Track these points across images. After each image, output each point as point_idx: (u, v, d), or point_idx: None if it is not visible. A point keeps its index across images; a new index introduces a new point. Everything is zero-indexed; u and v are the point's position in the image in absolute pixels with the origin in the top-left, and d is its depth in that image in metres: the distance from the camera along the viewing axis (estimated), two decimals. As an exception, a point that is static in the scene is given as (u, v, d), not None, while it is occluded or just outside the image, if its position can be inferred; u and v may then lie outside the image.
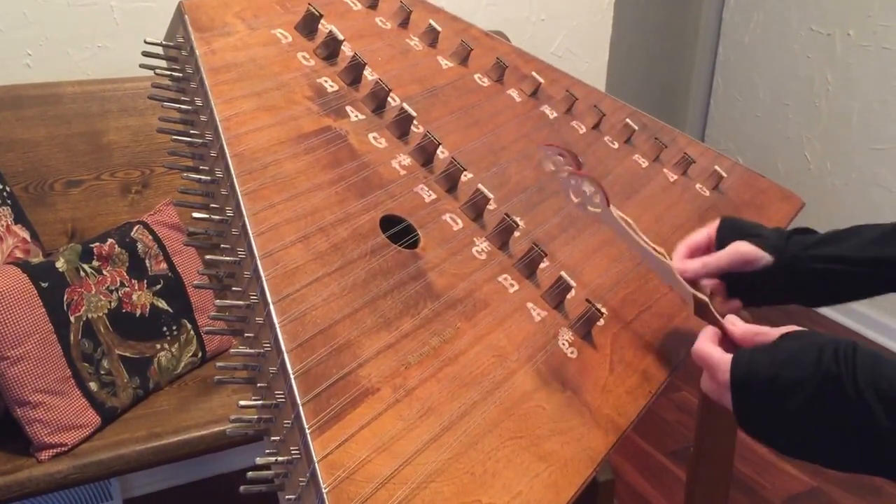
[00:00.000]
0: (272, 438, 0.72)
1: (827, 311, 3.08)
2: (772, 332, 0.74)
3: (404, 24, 1.22)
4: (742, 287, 0.92)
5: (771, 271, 0.89)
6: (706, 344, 0.77)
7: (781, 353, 0.70)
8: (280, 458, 0.68)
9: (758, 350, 0.73)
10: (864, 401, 0.63)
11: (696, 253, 0.94)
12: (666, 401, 2.57)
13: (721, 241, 0.93)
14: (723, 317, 0.82)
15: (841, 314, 3.04)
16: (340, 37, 1.06)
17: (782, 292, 0.91)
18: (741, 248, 0.90)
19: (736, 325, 0.79)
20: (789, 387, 0.67)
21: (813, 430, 0.67)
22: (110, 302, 1.49)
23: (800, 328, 0.73)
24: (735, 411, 0.73)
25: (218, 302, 0.77)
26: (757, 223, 0.95)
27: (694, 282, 0.91)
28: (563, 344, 0.89)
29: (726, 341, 0.79)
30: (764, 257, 0.89)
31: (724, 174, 1.32)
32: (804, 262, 0.88)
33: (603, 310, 0.92)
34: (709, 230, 0.95)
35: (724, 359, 0.74)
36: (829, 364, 0.66)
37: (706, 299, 0.84)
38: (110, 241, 1.54)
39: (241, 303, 0.78)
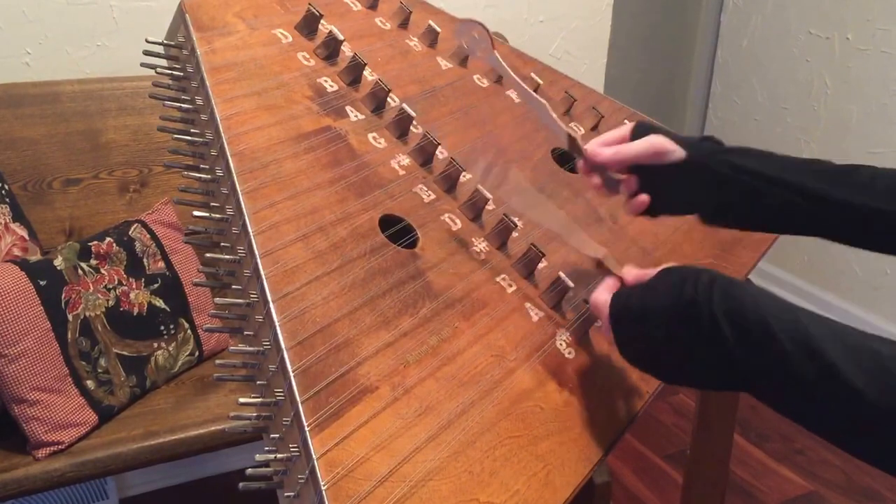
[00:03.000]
0: (271, 436, 0.72)
1: (820, 313, 3.08)
2: (654, 271, 0.78)
3: (404, 24, 1.23)
4: (650, 183, 0.91)
5: (681, 169, 0.88)
6: (600, 292, 0.82)
7: (651, 286, 0.76)
8: (279, 456, 0.68)
9: (634, 287, 0.79)
10: (716, 322, 0.67)
11: (608, 146, 0.93)
12: (663, 404, 2.57)
13: (634, 138, 0.92)
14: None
15: (836, 316, 3.04)
16: (340, 37, 1.06)
17: (691, 197, 0.89)
18: (654, 140, 0.89)
19: (630, 272, 0.84)
20: (654, 313, 0.73)
21: (679, 356, 0.72)
22: (108, 300, 1.49)
23: (676, 264, 0.77)
24: (615, 342, 0.78)
25: (218, 300, 0.77)
26: (671, 130, 0.94)
27: (605, 173, 0.93)
28: (561, 344, 0.89)
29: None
30: (676, 150, 0.88)
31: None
32: (715, 165, 0.86)
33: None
34: (623, 129, 0.94)
35: (606, 300, 0.80)
36: (690, 292, 0.70)
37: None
38: (108, 239, 1.54)
39: (241, 301, 0.78)
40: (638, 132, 0.92)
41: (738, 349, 0.66)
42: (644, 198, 0.92)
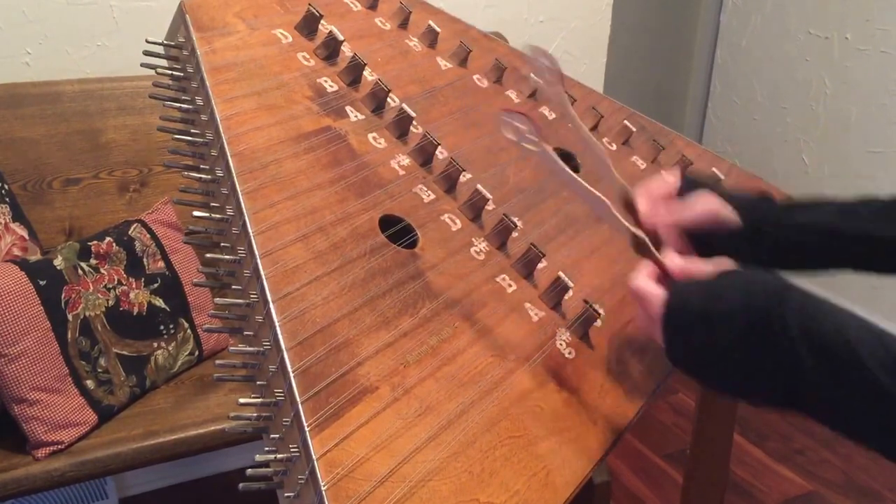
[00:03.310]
0: (271, 436, 0.73)
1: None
2: (707, 267, 0.74)
3: (404, 24, 1.23)
4: (705, 244, 0.89)
5: (739, 234, 0.87)
6: (643, 278, 0.77)
7: (714, 287, 0.71)
8: (279, 456, 0.68)
9: (692, 283, 0.73)
10: (790, 338, 0.63)
11: (657, 201, 0.90)
12: (663, 403, 2.57)
13: (684, 192, 0.90)
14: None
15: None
16: (340, 37, 1.07)
17: (745, 255, 0.86)
18: (711, 206, 0.87)
19: (674, 260, 0.78)
20: (719, 320, 0.68)
21: (740, 368, 0.67)
22: (108, 300, 1.49)
23: (735, 266, 0.74)
24: (665, 344, 0.73)
25: (218, 300, 0.77)
26: (716, 178, 0.92)
27: (650, 233, 0.89)
28: (561, 344, 0.90)
29: (665, 279, 0.78)
30: (733, 218, 0.87)
31: (721, 176, 1.32)
32: (774, 228, 0.86)
33: (600, 310, 0.92)
34: (671, 182, 0.92)
35: (658, 292, 0.74)
36: (760, 300, 0.66)
37: (644, 236, 0.81)
38: (108, 239, 1.54)
39: (241, 301, 0.78)
40: (688, 186, 0.90)
41: (815, 372, 0.62)
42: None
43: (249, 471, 0.69)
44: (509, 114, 0.86)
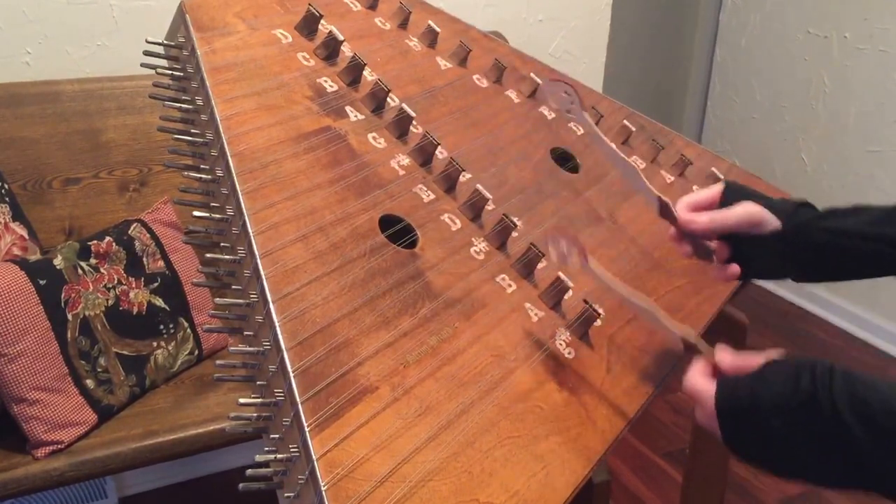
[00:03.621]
0: (271, 436, 0.73)
1: (819, 311, 3.09)
2: (757, 359, 0.75)
3: (404, 24, 1.23)
4: (743, 252, 0.91)
5: (777, 238, 0.88)
6: (694, 377, 0.78)
7: (762, 378, 0.71)
8: (279, 456, 0.69)
9: (741, 377, 0.74)
10: (840, 418, 0.64)
11: (698, 210, 0.91)
12: (662, 402, 2.57)
13: (725, 202, 0.91)
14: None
15: (835, 315, 3.05)
16: (340, 37, 1.07)
17: (784, 262, 0.89)
18: (751, 209, 0.88)
19: (725, 355, 0.79)
20: (769, 409, 0.69)
21: (797, 451, 0.68)
22: (107, 300, 1.49)
23: (783, 355, 0.74)
24: (723, 437, 0.74)
25: (218, 300, 0.77)
26: (758, 191, 0.94)
27: (696, 240, 0.91)
28: (561, 344, 0.90)
29: (719, 374, 0.79)
30: (772, 221, 0.88)
31: (721, 176, 1.32)
32: (812, 233, 0.87)
33: (600, 310, 0.93)
34: (712, 190, 0.92)
35: (710, 388, 0.75)
36: (807, 385, 0.67)
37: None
38: (108, 238, 1.54)
39: (240, 301, 0.78)
40: (729, 194, 0.91)
41: (868, 446, 0.63)
42: (736, 268, 0.91)
43: (249, 471, 0.69)
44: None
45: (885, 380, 0.66)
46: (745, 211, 0.88)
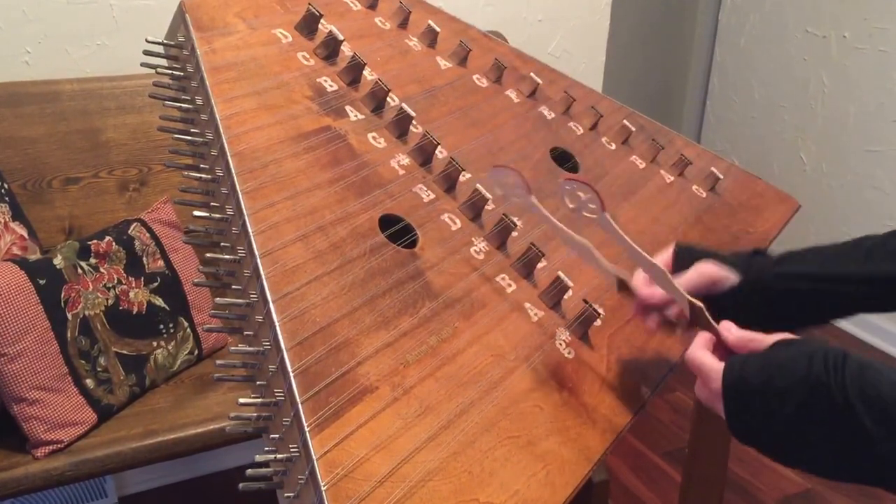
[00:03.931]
0: (271, 436, 0.73)
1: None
2: (766, 339, 0.74)
3: (403, 24, 1.23)
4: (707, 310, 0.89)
5: (738, 293, 0.88)
6: (699, 350, 0.77)
7: (772, 360, 0.70)
8: (279, 456, 0.69)
9: (750, 357, 0.73)
10: (851, 407, 0.63)
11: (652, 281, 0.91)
12: (661, 402, 2.57)
13: (678, 267, 0.91)
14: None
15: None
16: (340, 37, 1.07)
17: (748, 314, 0.86)
18: (705, 269, 0.88)
19: (731, 331, 0.78)
20: (779, 393, 0.67)
21: (803, 437, 0.67)
22: (107, 299, 1.49)
23: (792, 336, 0.73)
24: (726, 418, 0.73)
25: (218, 300, 0.78)
26: (710, 248, 0.94)
27: (660, 311, 0.90)
28: (561, 344, 0.90)
29: (721, 348, 0.78)
30: (729, 278, 0.88)
31: (720, 176, 1.32)
32: (769, 282, 0.87)
33: (600, 310, 0.93)
34: (663, 257, 0.93)
35: (716, 366, 0.73)
36: (819, 371, 0.66)
37: (701, 305, 0.82)
38: (108, 238, 1.54)
39: (240, 301, 0.78)
40: (680, 258, 0.91)
41: (878, 437, 0.62)
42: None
43: (249, 471, 0.69)
44: (571, 182, 0.87)
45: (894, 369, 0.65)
46: (699, 273, 0.88)
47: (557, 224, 0.90)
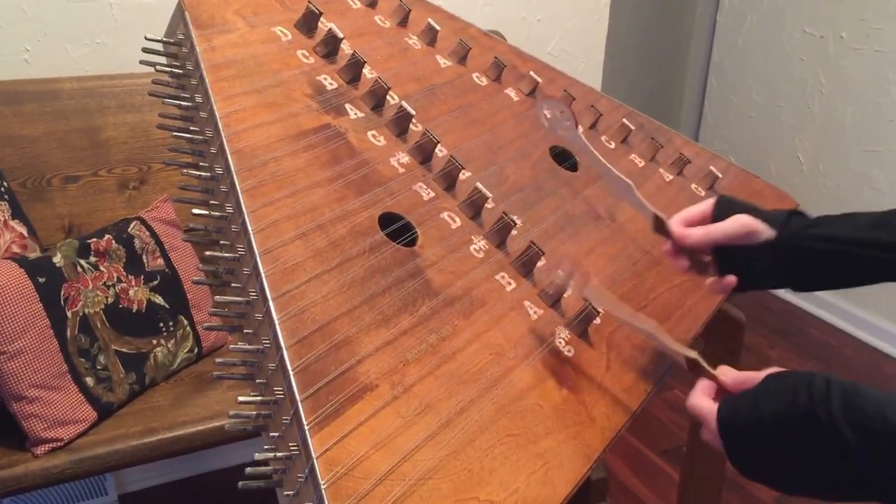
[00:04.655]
0: (271, 434, 0.73)
1: (816, 310, 3.09)
2: (758, 377, 0.76)
3: (403, 22, 1.23)
4: (738, 264, 0.91)
5: (771, 247, 0.89)
6: (698, 397, 0.79)
7: (761, 394, 0.72)
8: (278, 454, 0.69)
9: (741, 395, 0.75)
10: (838, 430, 0.64)
11: (692, 224, 0.93)
12: (659, 400, 2.58)
13: (718, 216, 0.92)
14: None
15: (832, 314, 3.05)
16: (340, 35, 1.07)
17: (779, 271, 0.90)
18: (744, 220, 0.89)
19: (727, 374, 0.80)
20: (769, 426, 0.70)
21: (799, 465, 0.69)
22: (107, 297, 1.49)
23: (782, 369, 0.75)
24: (728, 456, 0.75)
25: (217, 298, 0.78)
26: (750, 203, 0.94)
27: (692, 254, 0.92)
28: (560, 342, 0.90)
29: (722, 392, 0.80)
30: (765, 231, 0.89)
31: (719, 175, 1.32)
32: (804, 240, 0.87)
33: (599, 308, 0.93)
34: (704, 205, 0.94)
35: (712, 408, 0.76)
36: (804, 400, 0.67)
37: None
38: (107, 236, 1.54)
39: (240, 299, 0.78)
40: (721, 209, 0.92)
41: (865, 456, 0.63)
42: (732, 279, 0.92)
43: (249, 469, 0.69)
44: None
45: (881, 388, 0.66)
46: (739, 223, 0.89)
47: (600, 159, 0.90)
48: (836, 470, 0.66)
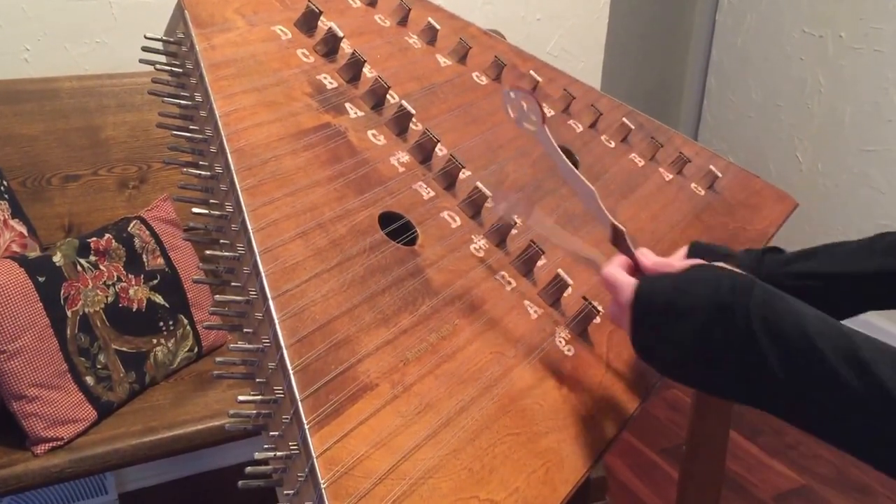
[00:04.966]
0: (271, 433, 0.73)
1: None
2: (681, 265, 0.76)
3: (403, 21, 1.23)
4: None
5: None
6: (615, 268, 0.79)
7: (683, 280, 0.72)
8: (278, 454, 0.69)
9: (662, 277, 0.75)
10: (752, 334, 0.64)
11: (658, 263, 0.90)
12: (658, 399, 2.58)
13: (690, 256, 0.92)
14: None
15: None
16: (340, 34, 1.07)
17: None
18: (698, 262, 0.89)
19: (648, 256, 0.81)
20: (683, 312, 0.69)
21: (702, 356, 0.68)
22: (107, 296, 1.49)
23: (706, 262, 0.75)
24: (630, 332, 0.75)
25: (217, 297, 0.78)
26: (725, 246, 0.94)
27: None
28: (560, 341, 0.90)
29: (638, 273, 0.80)
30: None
31: (718, 174, 1.32)
32: (781, 280, 0.87)
33: (599, 308, 0.93)
34: (679, 252, 0.94)
35: (629, 281, 0.76)
36: (725, 294, 0.67)
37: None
38: (107, 235, 1.54)
39: (240, 298, 0.78)
40: (694, 256, 0.91)
41: (773, 362, 0.63)
42: None
43: (249, 468, 0.69)
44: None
45: (802, 303, 0.66)
46: (691, 263, 0.88)
47: (565, 161, 0.89)
48: (737, 369, 0.66)
